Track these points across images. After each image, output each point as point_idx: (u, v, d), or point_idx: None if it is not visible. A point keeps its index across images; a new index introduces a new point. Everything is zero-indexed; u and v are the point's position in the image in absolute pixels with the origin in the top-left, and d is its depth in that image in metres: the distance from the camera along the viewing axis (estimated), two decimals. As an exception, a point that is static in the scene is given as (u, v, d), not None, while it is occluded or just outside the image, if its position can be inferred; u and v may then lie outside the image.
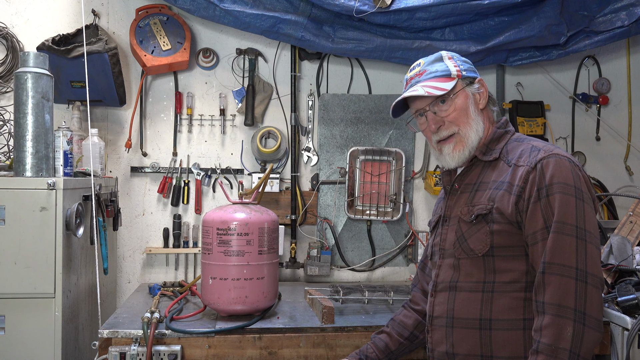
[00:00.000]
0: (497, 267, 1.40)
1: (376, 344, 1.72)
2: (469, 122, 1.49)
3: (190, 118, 2.70)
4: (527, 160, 1.39)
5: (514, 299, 1.38)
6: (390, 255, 2.83)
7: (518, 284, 1.38)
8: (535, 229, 1.34)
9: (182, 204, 2.68)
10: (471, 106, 1.50)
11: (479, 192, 1.47)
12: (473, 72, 1.54)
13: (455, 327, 1.45)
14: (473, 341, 1.41)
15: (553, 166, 1.34)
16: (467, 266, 1.45)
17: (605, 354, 1.92)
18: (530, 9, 2.51)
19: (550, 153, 1.38)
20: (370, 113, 2.81)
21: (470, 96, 1.51)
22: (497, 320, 1.39)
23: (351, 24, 2.53)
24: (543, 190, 1.33)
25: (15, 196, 1.84)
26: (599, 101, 2.96)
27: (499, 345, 1.38)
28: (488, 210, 1.41)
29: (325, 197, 2.79)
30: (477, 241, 1.42)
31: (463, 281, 1.46)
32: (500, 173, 1.45)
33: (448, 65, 1.52)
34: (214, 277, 1.93)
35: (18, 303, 1.85)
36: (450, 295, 1.48)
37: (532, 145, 1.44)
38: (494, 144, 1.52)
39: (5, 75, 2.53)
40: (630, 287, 1.94)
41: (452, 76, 1.50)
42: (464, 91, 1.50)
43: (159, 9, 2.59)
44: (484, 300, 1.41)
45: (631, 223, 2.32)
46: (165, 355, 1.80)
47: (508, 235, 1.39)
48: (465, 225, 1.46)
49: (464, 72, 1.51)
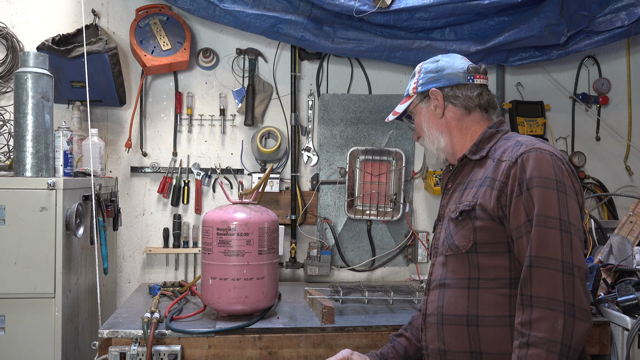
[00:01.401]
0: (480, 264, 1.41)
1: (396, 348, 1.72)
2: (424, 136, 1.63)
3: (190, 118, 2.70)
4: (510, 155, 1.40)
5: (499, 295, 1.39)
6: (390, 255, 2.83)
7: (502, 281, 1.39)
8: (518, 223, 1.34)
9: (182, 204, 2.68)
10: (424, 122, 1.61)
11: (467, 189, 1.49)
12: (429, 83, 1.58)
13: (445, 324, 1.46)
14: (462, 338, 1.42)
15: (533, 160, 1.35)
16: (453, 263, 1.47)
17: (605, 354, 1.92)
18: (530, 9, 2.51)
19: (531, 147, 1.37)
20: (370, 113, 2.81)
21: (423, 111, 1.61)
22: (483, 316, 1.40)
23: (351, 24, 2.53)
24: (524, 185, 1.34)
25: (15, 196, 1.84)
26: (599, 101, 2.96)
27: (487, 342, 1.39)
28: (471, 207, 1.42)
29: (325, 197, 2.79)
30: (461, 238, 1.44)
31: (450, 278, 1.47)
32: (486, 170, 1.46)
33: (411, 83, 1.64)
34: (214, 277, 1.93)
35: (18, 303, 1.85)
36: (440, 293, 1.50)
37: (517, 140, 1.44)
38: (484, 143, 1.53)
39: (5, 75, 2.53)
40: (630, 287, 1.95)
41: (410, 94, 1.63)
42: (419, 107, 1.63)
43: (159, 9, 2.59)
44: (470, 297, 1.42)
45: (631, 223, 2.32)
46: (165, 355, 1.80)
47: (491, 231, 1.40)
48: (452, 223, 1.48)
49: (419, 87, 1.60)
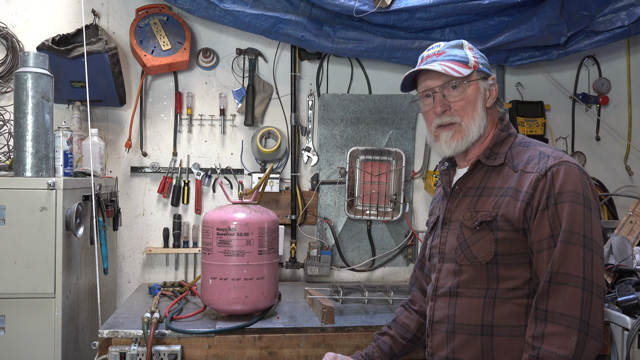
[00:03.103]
0: (500, 275, 1.39)
1: (380, 346, 1.71)
2: (473, 116, 1.47)
3: (190, 118, 2.70)
4: (537, 167, 1.38)
5: (516, 305, 1.38)
6: (390, 255, 2.83)
7: (521, 291, 1.38)
8: (541, 237, 1.33)
9: (182, 204, 2.68)
10: (480, 100, 1.48)
11: (483, 197, 1.45)
12: (488, 69, 1.53)
13: (456, 333, 1.44)
14: (475, 347, 1.41)
15: (564, 174, 1.33)
16: (470, 273, 1.43)
17: (605, 354, 1.92)
18: (530, 9, 2.51)
19: (560, 160, 1.36)
20: (370, 113, 2.81)
21: (481, 90, 1.49)
22: (499, 326, 1.38)
23: (351, 24, 2.53)
24: (552, 199, 1.32)
25: (15, 196, 1.84)
26: (599, 101, 2.96)
27: (501, 352, 1.38)
28: (492, 218, 1.39)
29: (325, 197, 2.79)
30: (481, 249, 1.40)
31: (464, 287, 1.44)
32: (505, 179, 1.43)
33: (467, 54, 1.49)
34: (214, 277, 1.93)
35: (18, 303, 1.85)
36: (451, 301, 1.47)
37: (540, 151, 1.42)
38: (497, 147, 1.50)
39: (5, 75, 2.53)
40: (630, 287, 1.95)
41: (469, 65, 1.48)
42: (477, 84, 1.49)
43: (159, 9, 2.59)
44: (485, 307, 1.40)
45: (631, 223, 2.32)
46: (165, 355, 1.80)
47: (513, 242, 1.38)
48: (468, 232, 1.44)
49: (480, 65, 1.50)
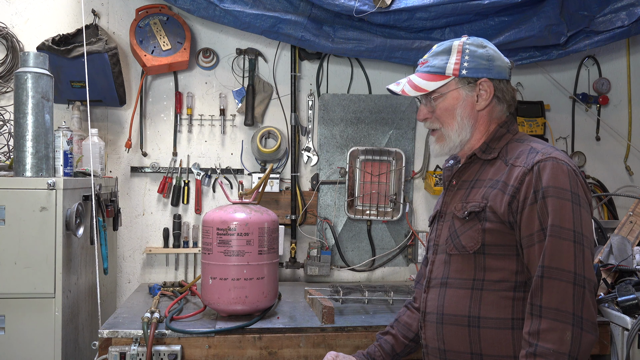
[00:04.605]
0: (487, 265, 1.41)
1: (382, 346, 1.71)
2: (451, 124, 1.49)
3: (190, 118, 2.70)
4: (525, 161, 1.39)
5: (502, 297, 1.38)
6: (390, 255, 2.83)
7: (507, 283, 1.39)
8: (531, 231, 1.34)
9: (182, 204, 2.68)
10: (459, 108, 1.48)
11: (474, 189, 1.47)
12: (482, 71, 1.48)
13: (444, 324, 1.46)
14: (462, 338, 1.42)
15: (550, 169, 1.34)
16: (458, 262, 1.45)
17: (605, 354, 1.92)
18: (530, 9, 2.51)
19: (548, 156, 1.36)
20: (370, 113, 2.81)
21: (462, 98, 1.48)
22: (485, 318, 1.39)
23: (351, 24, 2.53)
24: (539, 193, 1.33)
25: (15, 196, 1.84)
26: (599, 101, 2.96)
27: (487, 344, 1.39)
28: (481, 208, 1.41)
29: (325, 197, 2.79)
30: (469, 238, 1.42)
31: (453, 277, 1.46)
32: (496, 172, 1.45)
33: (449, 61, 1.48)
34: (214, 277, 1.93)
35: (18, 303, 1.85)
36: (440, 292, 1.48)
37: (531, 146, 1.43)
38: (494, 142, 1.51)
39: (5, 75, 2.53)
40: (630, 287, 1.95)
41: (445, 74, 1.48)
42: (457, 92, 1.48)
43: (159, 9, 2.59)
44: (472, 298, 1.41)
45: (631, 223, 2.32)
46: (165, 355, 1.80)
47: (500, 234, 1.39)
48: (458, 222, 1.46)
49: (465, 70, 1.47)
